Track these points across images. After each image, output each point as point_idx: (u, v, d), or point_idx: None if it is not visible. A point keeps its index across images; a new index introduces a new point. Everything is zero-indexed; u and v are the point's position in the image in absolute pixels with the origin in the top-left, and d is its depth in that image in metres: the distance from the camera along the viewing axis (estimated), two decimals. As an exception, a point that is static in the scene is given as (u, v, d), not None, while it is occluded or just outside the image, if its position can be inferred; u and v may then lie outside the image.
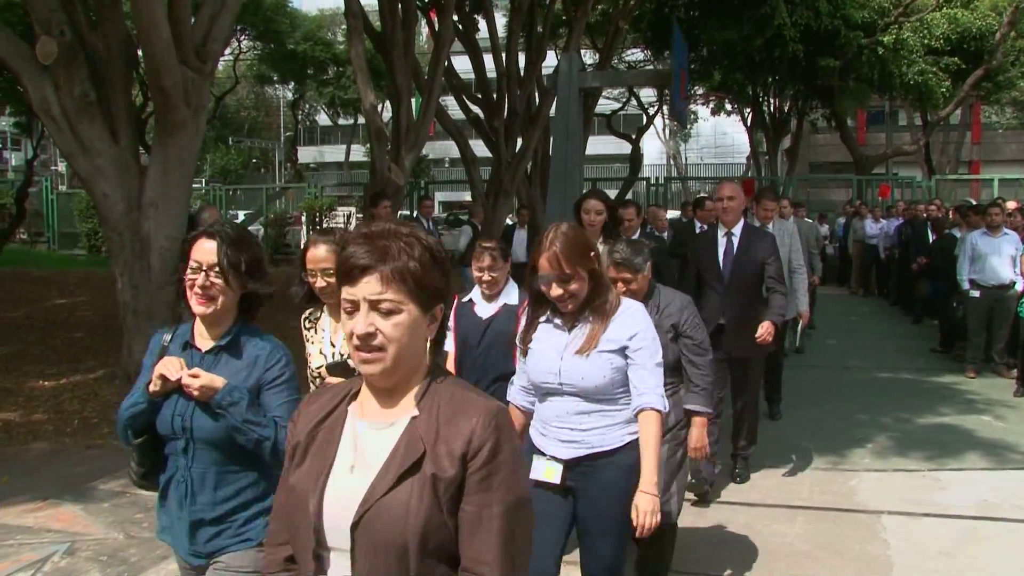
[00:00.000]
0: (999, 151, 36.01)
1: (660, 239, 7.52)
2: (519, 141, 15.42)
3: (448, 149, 37.12)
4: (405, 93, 11.70)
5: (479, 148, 15.81)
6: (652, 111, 28.96)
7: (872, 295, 16.68)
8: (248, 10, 22.25)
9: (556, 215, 8.37)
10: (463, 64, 15.90)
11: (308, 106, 46.00)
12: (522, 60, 15.91)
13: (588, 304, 2.90)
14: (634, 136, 24.34)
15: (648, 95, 29.33)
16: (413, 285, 1.64)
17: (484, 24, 15.96)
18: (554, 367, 2.90)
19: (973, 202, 14.65)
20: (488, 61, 15.43)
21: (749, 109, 28.46)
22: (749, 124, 29.60)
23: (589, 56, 23.21)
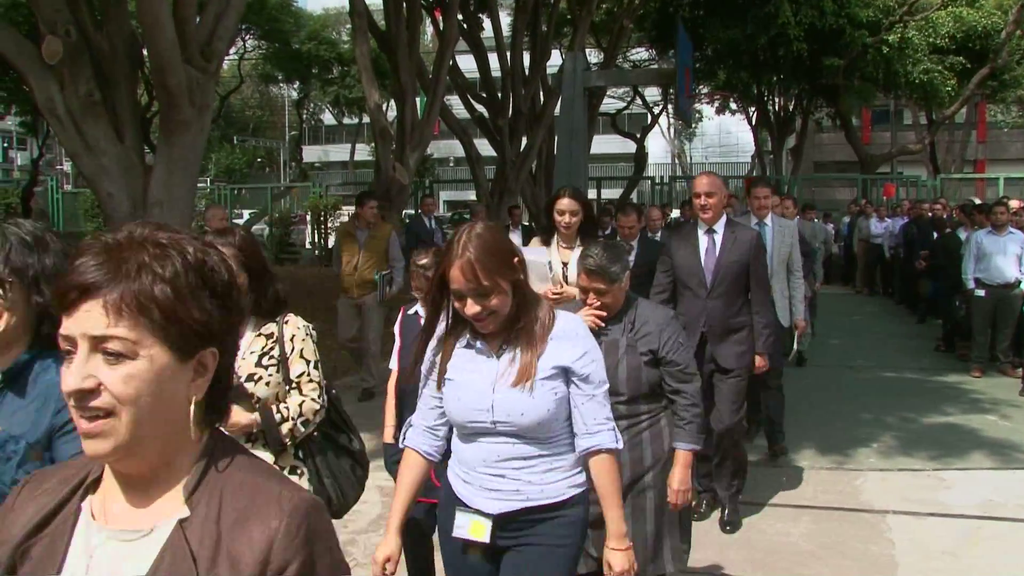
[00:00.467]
0: (1004, 150, 35.94)
1: (656, 243, 7.03)
2: (524, 140, 15.45)
3: (453, 148, 37.15)
4: (410, 92, 11.72)
5: (484, 147, 15.84)
6: (657, 110, 28.97)
7: (877, 294, 16.65)
8: (253, 9, 22.27)
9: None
10: (468, 63, 15.94)
11: (313, 105, 46.06)
12: (527, 59, 15.94)
13: (513, 323, 2.34)
14: (639, 135, 24.36)
15: (652, 94, 29.32)
16: (159, 318, 1.09)
17: (489, 23, 15.99)
18: (484, 402, 2.32)
19: (977, 201, 14.61)
20: (493, 60, 15.45)
21: (754, 108, 28.44)
22: (754, 123, 29.58)
23: (594, 55, 23.22)
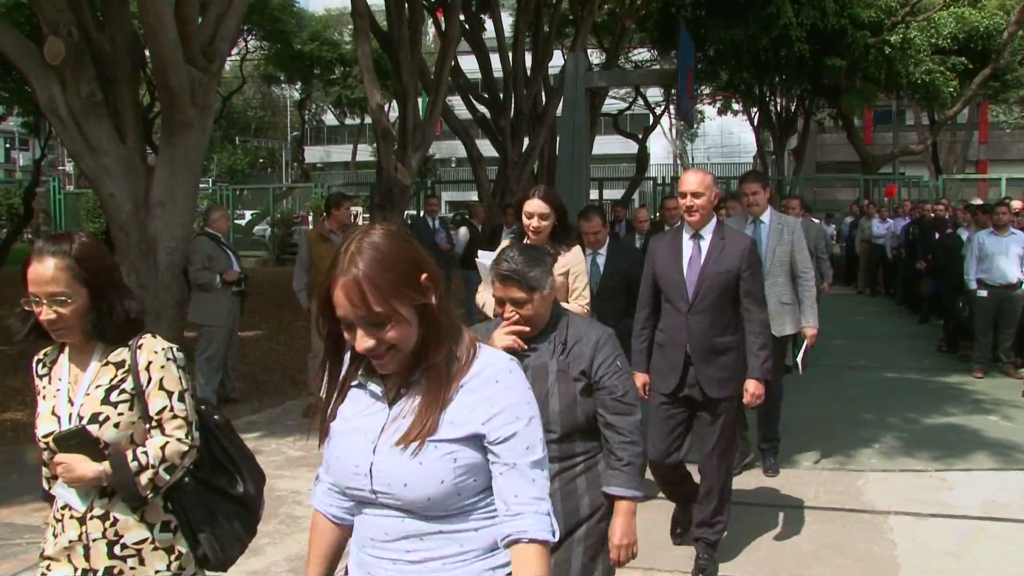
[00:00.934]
0: (1006, 150, 35.91)
1: (629, 249, 6.53)
2: (526, 141, 15.45)
3: (455, 149, 37.21)
4: (412, 93, 11.71)
5: (486, 148, 15.84)
6: (659, 111, 28.97)
7: (879, 295, 16.66)
8: (255, 10, 22.27)
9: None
10: (470, 64, 15.94)
11: (315, 106, 46.09)
12: (529, 60, 15.94)
13: (417, 361, 1.74)
14: (641, 136, 24.37)
15: (655, 95, 29.34)
16: None
17: (491, 24, 15.98)
18: (362, 464, 1.76)
19: (978, 201, 14.60)
20: (495, 61, 15.45)
21: (756, 108, 28.45)
22: (756, 124, 29.60)
23: (596, 56, 23.25)
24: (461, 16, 14.15)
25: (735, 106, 30.88)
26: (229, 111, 37.22)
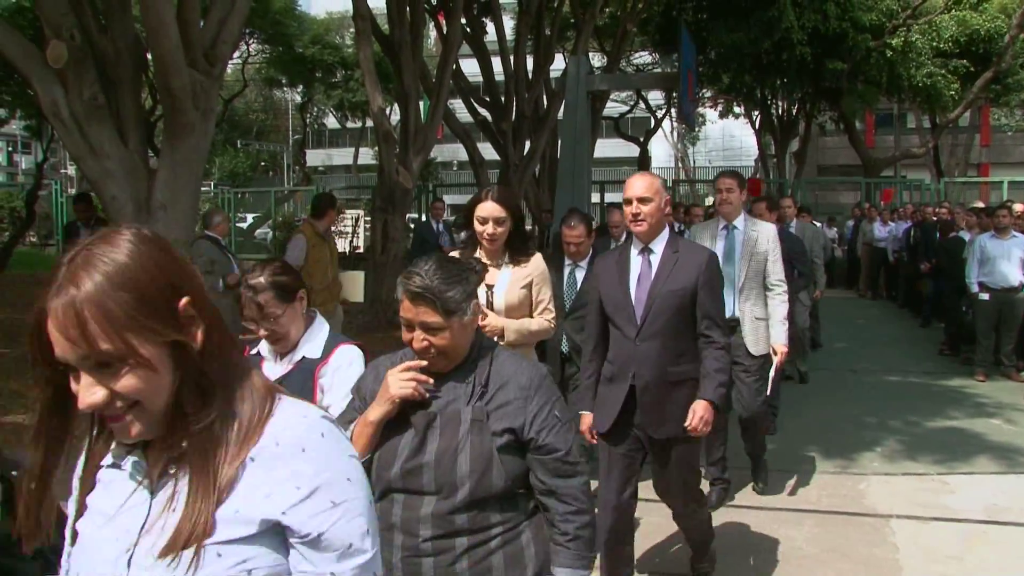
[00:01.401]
0: (1008, 154, 35.86)
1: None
2: (527, 144, 15.45)
3: (456, 152, 37.23)
4: (413, 96, 11.72)
5: (487, 151, 15.84)
6: (660, 114, 28.99)
7: (880, 298, 16.65)
8: (257, 13, 22.31)
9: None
10: (471, 67, 15.95)
11: (316, 109, 46.09)
12: (530, 63, 15.95)
13: (178, 427, 1.20)
14: (642, 139, 24.36)
15: (656, 98, 29.36)
16: None
17: (492, 27, 16.00)
18: None
19: (980, 205, 14.61)
20: (496, 64, 15.47)
21: (757, 112, 28.44)
22: (757, 127, 29.59)
23: (597, 59, 23.28)
24: (463, 19, 14.18)
25: (736, 109, 30.87)
26: (231, 114, 37.25)
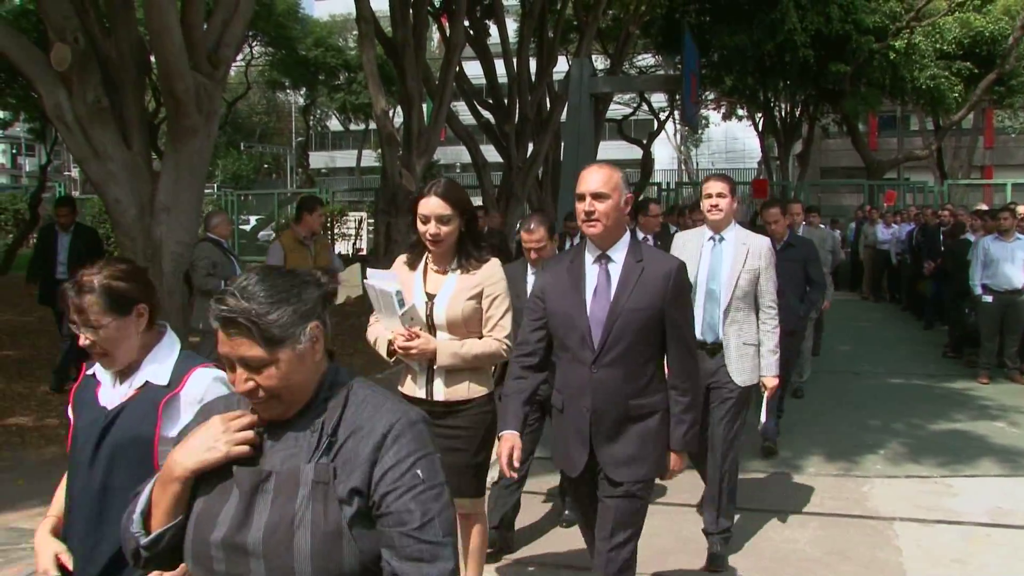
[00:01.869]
0: (1012, 155, 35.81)
1: None
2: (530, 146, 15.45)
3: (459, 154, 37.23)
4: (416, 98, 11.73)
5: (490, 153, 15.85)
6: (663, 116, 28.97)
7: (883, 300, 16.64)
8: (260, 16, 22.39)
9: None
10: (474, 69, 15.95)
11: (319, 111, 46.19)
12: (533, 65, 15.96)
13: None
14: (645, 141, 24.33)
15: (659, 100, 29.36)
16: None
17: (495, 29, 16.01)
18: None
19: (983, 207, 14.60)
20: (499, 66, 15.49)
21: (760, 114, 28.43)
22: (760, 129, 29.57)
23: (600, 61, 23.24)
24: (466, 22, 14.19)
25: (739, 111, 30.89)
26: (234, 117, 37.33)
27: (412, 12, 11.73)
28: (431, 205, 3.28)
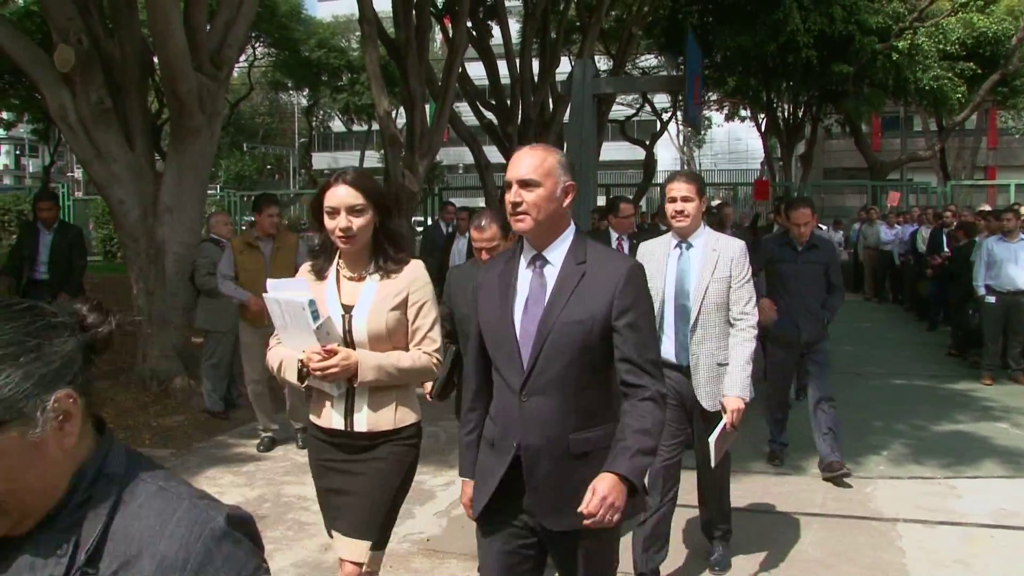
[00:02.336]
0: (1015, 156, 35.76)
1: None
2: (532, 147, 15.44)
3: (462, 155, 37.22)
4: (419, 99, 11.75)
5: (493, 154, 15.87)
6: (666, 117, 28.95)
7: (887, 301, 16.62)
8: (263, 17, 22.39)
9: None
10: (477, 70, 15.98)
11: (322, 112, 46.17)
12: (536, 66, 15.98)
13: None
14: (648, 142, 24.32)
15: (662, 101, 29.34)
16: None
17: (498, 30, 16.03)
18: None
19: (987, 208, 14.58)
20: (502, 67, 15.50)
21: (763, 115, 28.41)
22: (763, 130, 29.54)
23: (603, 62, 23.25)
24: (468, 23, 14.20)
25: (742, 112, 30.86)
26: (237, 118, 37.37)
27: (415, 13, 11.74)
28: (340, 195, 2.77)
